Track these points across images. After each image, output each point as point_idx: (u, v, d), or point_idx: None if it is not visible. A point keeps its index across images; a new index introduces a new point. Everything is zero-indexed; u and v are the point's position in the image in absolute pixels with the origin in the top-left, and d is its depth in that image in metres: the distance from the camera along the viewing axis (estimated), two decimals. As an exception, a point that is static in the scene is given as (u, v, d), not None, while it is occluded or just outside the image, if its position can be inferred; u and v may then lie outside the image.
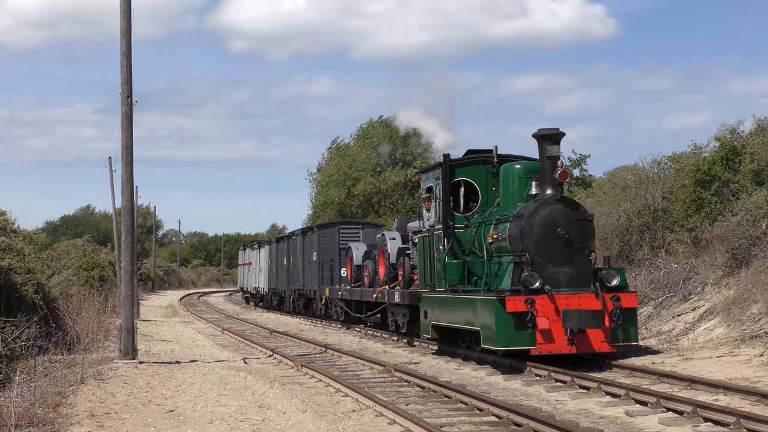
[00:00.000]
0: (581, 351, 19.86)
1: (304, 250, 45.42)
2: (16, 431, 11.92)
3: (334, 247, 41.32)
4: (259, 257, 60.06)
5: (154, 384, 18.34)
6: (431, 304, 24.26)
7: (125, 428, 13.27)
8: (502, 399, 16.03)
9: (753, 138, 29.90)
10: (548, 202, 20.80)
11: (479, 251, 22.86)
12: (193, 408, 15.28)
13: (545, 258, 20.50)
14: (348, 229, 42.92)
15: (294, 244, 48.77)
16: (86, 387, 17.30)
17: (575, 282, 20.57)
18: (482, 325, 20.50)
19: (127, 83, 22.67)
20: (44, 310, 22.27)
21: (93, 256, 52.46)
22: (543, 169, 21.34)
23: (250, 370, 21.55)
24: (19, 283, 22.25)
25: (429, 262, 24.85)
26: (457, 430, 13.36)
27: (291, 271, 49.01)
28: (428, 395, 17.34)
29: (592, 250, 21.25)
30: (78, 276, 40.13)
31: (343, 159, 67.96)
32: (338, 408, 15.97)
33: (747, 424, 12.66)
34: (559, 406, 15.85)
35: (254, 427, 13.46)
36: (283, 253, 51.65)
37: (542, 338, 19.52)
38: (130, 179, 23.12)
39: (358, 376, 20.48)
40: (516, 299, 19.49)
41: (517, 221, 20.85)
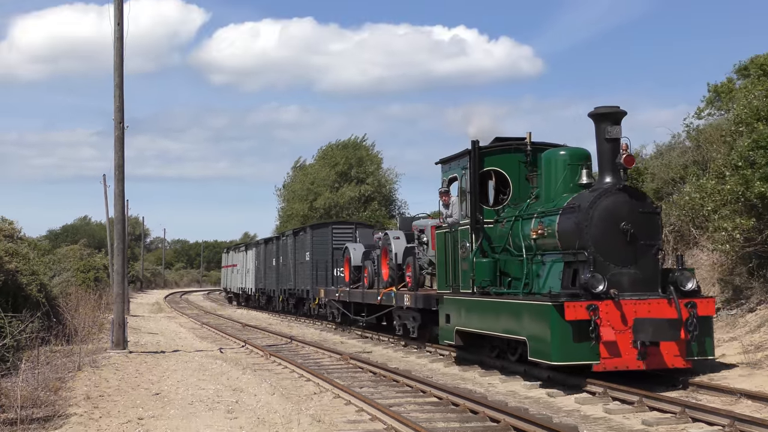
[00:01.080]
0: (652, 367, 14.90)
1: (295, 251, 40.24)
2: (21, 411, 11.84)
3: (327, 247, 36.28)
4: (246, 259, 55.43)
5: (142, 371, 18.24)
6: (456, 307, 19.00)
7: (117, 409, 13.18)
8: (441, 383, 16.07)
9: (653, 161, 30.37)
10: (609, 192, 15.82)
11: (514, 249, 17.89)
12: (176, 391, 15.21)
13: (606, 256, 15.55)
14: (341, 229, 37.84)
15: (284, 245, 43.44)
16: (83, 373, 17.20)
17: (640, 285, 15.66)
18: (531, 335, 15.60)
19: (120, 111, 22.65)
20: (46, 307, 22.10)
21: (89, 260, 52.05)
22: (601, 153, 16.36)
23: (225, 358, 21.49)
24: (25, 283, 22.08)
25: (451, 262, 19.45)
26: (404, 410, 13.36)
27: (281, 272, 43.93)
28: (379, 380, 17.37)
29: (660, 247, 16.14)
30: (76, 277, 39.71)
31: (305, 177, 68.08)
32: (301, 391, 15.94)
33: None
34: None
35: (229, 407, 13.40)
36: (271, 254, 46.67)
37: (607, 351, 14.67)
38: (121, 194, 23.11)
39: (319, 363, 20.44)
40: (576, 305, 14.65)
41: (570, 214, 16.00)
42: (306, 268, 37.32)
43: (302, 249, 38.72)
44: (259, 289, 50.32)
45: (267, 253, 47.91)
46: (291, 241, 41.11)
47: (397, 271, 24.93)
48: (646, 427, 12.03)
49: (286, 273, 41.99)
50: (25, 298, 21.30)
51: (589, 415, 13.04)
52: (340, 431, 11.78)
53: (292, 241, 40.75)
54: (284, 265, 42.76)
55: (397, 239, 25.62)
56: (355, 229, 36.74)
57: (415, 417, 12.64)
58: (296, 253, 39.76)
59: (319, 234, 37.34)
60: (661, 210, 17.08)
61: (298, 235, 40.18)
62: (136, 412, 12.93)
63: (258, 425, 11.84)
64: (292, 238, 40.86)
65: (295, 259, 39.85)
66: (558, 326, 14.81)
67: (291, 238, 41.29)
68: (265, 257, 48.21)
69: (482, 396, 14.37)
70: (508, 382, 16.56)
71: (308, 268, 36.77)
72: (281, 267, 43.63)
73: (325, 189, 63.97)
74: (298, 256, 39.48)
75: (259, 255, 50.46)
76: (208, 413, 12.88)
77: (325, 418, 12.79)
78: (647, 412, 12.85)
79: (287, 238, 42.52)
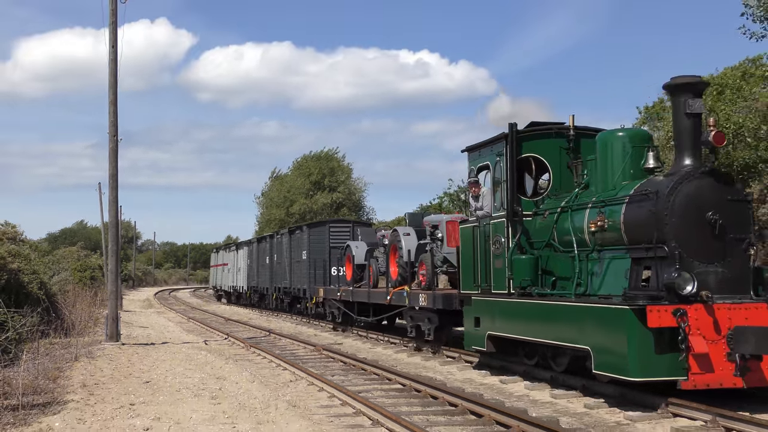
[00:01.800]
0: (752, 384, 11.29)
1: (291, 249, 36.20)
2: (23, 398, 11.74)
3: (324, 246, 32.29)
4: (237, 258, 51.37)
5: (133, 361, 18.11)
6: (488, 310, 15.41)
7: (111, 396, 13.08)
8: (404, 371, 16.08)
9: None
10: (692, 176, 12.24)
11: (560, 244, 14.30)
12: (164, 379, 15.11)
13: (688, 252, 11.98)
14: (338, 227, 33.77)
15: (279, 244, 39.33)
16: (79, 363, 17.05)
17: (729, 286, 12.07)
18: (598, 345, 12.02)
19: (114, 125, 22.51)
20: (46, 303, 21.96)
21: (85, 261, 51.79)
22: (680, 131, 12.70)
23: (209, 349, 21.37)
24: (26, 281, 21.91)
25: (480, 259, 15.90)
26: (371, 395, 13.36)
27: (275, 270, 39.86)
28: (349, 368, 17.35)
29: (752, 242, 12.37)
30: (73, 276, 39.43)
31: (282, 185, 68.47)
32: (279, 379, 15.91)
33: None
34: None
35: (213, 394, 13.34)
36: (264, 253, 42.59)
37: (697, 366, 11.09)
38: (115, 200, 22.92)
39: (295, 354, 20.39)
40: (661, 310, 11.14)
41: (642, 203, 12.51)
42: (303, 266, 33.47)
43: (299, 247, 34.67)
44: (252, 287, 46.46)
45: (260, 251, 44.17)
46: (286, 240, 37.28)
47: (407, 269, 21.25)
48: (587, 410, 12.10)
49: (281, 271, 38.24)
50: (27, 295, 21.16)
51: (538, 400, 13.12)
52: (314, 415, 11.76)
53: (288, 239, 36.94)
54: (279, 264, 39.00)
55: (407, 236, 22.14)
56: (353, 227, 33.36)
57: (382, 402, 12.65)
58: (292, 251, 36.06)
59: (317, 233, 33.50)
60: (752, 197, 13.56)
61: (294, 234, 36.31)
62: (128, 398, 12.84)
63: (239, 410, 11.79)
64: (288, 237, 37.02)
65: (291, 258, 36.16)
66: (638, 335, 11.29)
67: (286, 236, 37.43)
68: (258, 256, 44.49)
69: (442, 383, 14.39)
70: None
71: (305, 266, 32.94)
72: (275, 265, 39.79)
73: (300, 196, 64.38)
74: (294, 254, 35.69)
75: (251, 254, 46.68)
76: (194, 399, 12.81)
77: (300, 403, 12.77)
78: (587, 398, 12.89)
79: (282, 236, 38.70)
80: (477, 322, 15.91)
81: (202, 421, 10.91)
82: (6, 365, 14.01)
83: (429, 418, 11.47)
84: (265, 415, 11.46)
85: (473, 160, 16.74)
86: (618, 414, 11.62)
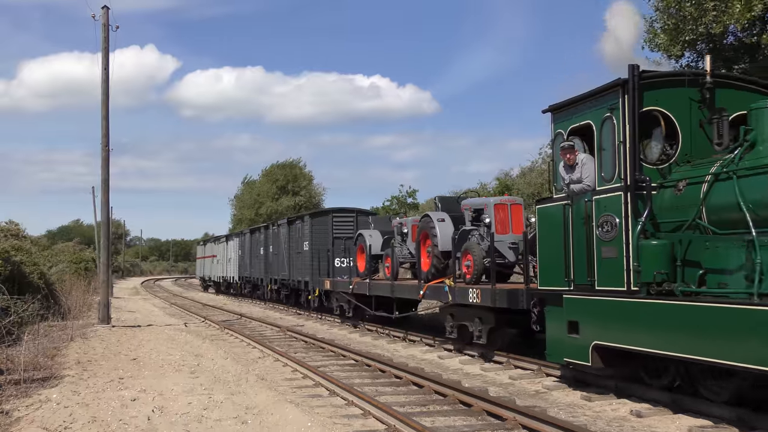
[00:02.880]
0: None
1: (290, 240, 30.33)
2: (24, 374, 11.54)
3: (327, 236, 26.99)
4: (227, 249, 45.74)
5: (122, 341, 17.85)
6: (595, 312, 10.12)
7: (102, 371, 12.87)
8: (357, 348, 16.05)
9: (518, 179, 31.03)
10: None
11: (718, 224, 9.04)
12: (149, 357, 14.91)
13: None
14: (342, 217, 27.66)
15: (275, 235, 33.34)
16: (74, 343, 16.76)
17: None
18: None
19: (106, 137, 22.27)
20: (45, 291, 21.64)
21: (80, 254, 50.76)
22: None
23: (189, 331, 21.17)
24: (27, 272, 21.51)
25: (576, 246, 10.67)
26: (328, 369, 13.31)
27: (270, 261, 34.08)
28: (310, 346, 17.27)
29: None
30: (70, 267, 38.60)
31: (252, 190, 68.84)
32: (249, 356, 15.80)
33: None
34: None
35: (191, 369, 13.19)
36: (258, 244, 36.85)
37: None
38: (107, 202, 22.70)
39: (263, 334, 20.24)
40: None
41: None
42: (304, 258, 28.05)
43: (300, 238, 28.91)
44: (244, 278, 40.66)
45: (253, 242, 38.42)
46: (285, 231, 31.47)
47: (441, 260, 16.38)
48: (511, 381, 12.19)
49: (278, 263, 32.59)
50: (28, 284, 20.81)
51: (469, 372, 13.17)
52: (279, 386, 11.69)
53: (286, 230, 31.10)
54: (275, 255, 33.19)
55: (442, 222, 16.64)
56: (356, 217, 27.48)
57: (337, 375, 12.62)
58: (291, 242, 30.34)
59: (319, 222, 27.67)
60: None
61: (293, 224, 30.48)
62: (117, 373, 12.65)
63: (215, 383, 11.68)
64: (287, 228, 31.17)
65: (290, 249, 30.42)
66: None
67: (285, 227, 31.60)
68: (251, 247, 38.88)
69: (388, 359, 14.39)
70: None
71: (307, 258, 27.62)
72: (271, 256, 34.09)
73: (267, 199, 64.69)
74: (293, 245, 30.00)
75: (243, 245, 41.12)
76: (175, 374, 12.66)
77: (267, 376, 12.70)
78: (513, 370, 13.01)
79: (279, 227, 32.83)
80: (573, 327, 10.57)
81: (182, 393, 10.79)
82: (9, 345, 13.78)
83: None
84: (237, 386, 11.37)
85: (562, 121, 11.50)
86: (537, 384, 11.74)
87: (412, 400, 10.63)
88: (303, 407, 9.75)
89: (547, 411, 9.41)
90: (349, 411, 9.85)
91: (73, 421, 8.90)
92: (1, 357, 12.59)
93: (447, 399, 10.44)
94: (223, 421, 8.98)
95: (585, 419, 9.25)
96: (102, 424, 8.79)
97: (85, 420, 8.95)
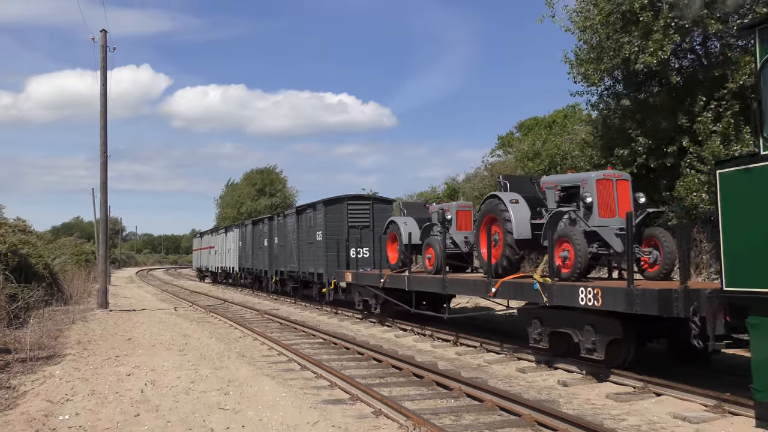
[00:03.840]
0: None
1: (299, 230, 24.88)
2: (30, 353, 11.32)
3: (342, 225, 21.85)
4: (226, 240, 40.18)
5: (119, 323, 17.56)
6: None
7: (100, 350, 12.65)
8: (325, 329, 16.01)
9: (464, 184, 31.25)
10: None
11: None
12: (143, 337, 14.70)
13: None
14: (357, 205, 22.25)
15: (281, 225, 27.60)
16: (76, 326, 16.46)
17: None
18: None
19: (104, 144, 21.96)
20: (49, 279, 21.24)
21: (81, 247, 49.85)
22: None
23: (178, 314, 20.91)
24: (33, 263, 21.07)
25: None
26: (299, 347, 13.26)
27: (275, 252, 28.52)
28: (284, 327, 17.18)
29: None
30: (71, 259, 37.88)
31: (234, 191, 69.10)
32: (231, 335, 15.66)
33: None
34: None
35: (180, 347, 13.03)
36: (261, 235, 31.06)
37: None
38: (105, 202, 22.39)
39: (243, 317, 20.08)
40: None
41: None
42: (317, 248, 22.66)
43: (312, 228, 23.59)
44: (245, 269, 34.75)
45: (255, 233, 32.55)
46: (292, 221, 25.95)
47: (516, 250, 11.60)
48: (457, 356, 12.25)
49: (284, 254, 27.01)
50: (34, 273, 20.38)
51: (421, 349, 13.21)
52: (257, 361, 11.61)
53: (294, 220, 25.64)
54: (281, 246, 27.54)
55: (515, 204, 11.71)
56: (372, 205, 22.32)
57: (308, 352, 12.57)
58: (301, 232, 24.86)
59: (334, 211, 22.26)
60: None
61: (303, 213, 24.84)
62: (114, 351, 12.45)
63: (201, 359, 11.56)
64: (295, 218, 25.72)
65: (299, 239, 25.05)
66: None
67: (293, 217, 26.04)
68: (253, 238, 33.05)
69: (352, 338, 14.38)
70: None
71: (320, 248, 22.32)
72: (276, 248, 28.44)
73: (247, 200, 64.73)
74: (303, 235, 24.57)
75: (244, 236, 35.27)
76: (165, 352, 12.50)
77: (247, 353, 12.60)
78: (459, 347, 13.07)
79: (286, 217, 27.14)
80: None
81: (172, 368, 10.66)
82: (17, 327, 13.54)
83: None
84: (220, 362, 11.27)
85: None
86: (479, 358, 11.82)
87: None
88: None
89: (487, 382, 9.49)
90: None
91: (74, 394, 8.76)
92: (9, 338, 12.38)
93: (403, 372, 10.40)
94: (210, 392, 8.89)
95: (519, 389, 9.36)
96: (100, 396, 8.65)
97: (85, 393, 8.81)
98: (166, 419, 7.49)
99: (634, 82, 17.35)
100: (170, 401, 8.39)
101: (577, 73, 18.04)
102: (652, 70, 16.16)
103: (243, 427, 7.19)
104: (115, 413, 7.75)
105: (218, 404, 8.19)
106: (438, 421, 7.39)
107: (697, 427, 7.23)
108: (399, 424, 7.33)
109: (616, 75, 17.78)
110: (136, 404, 8.20)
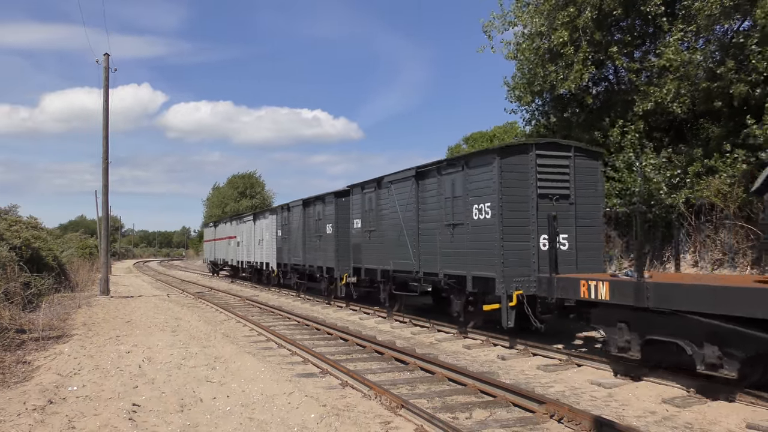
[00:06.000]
0: None
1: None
2: (42, 333, 11.08)
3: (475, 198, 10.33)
4: (253, 229, 26.60)
5: (119, 308, 17.20)
6: None
7: (103, 330, 12.39)
8: (300, 313, 15.91)
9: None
10: None
11: None
12: (140, 320, 14.43)
13: None
14: (551, 157, 10.07)
15: (370, 200, 14.66)
16: (81, 310, 16.08)
17: None
18: None
19: (106, 151, 21.46)
20: (58, 270, 20.76)
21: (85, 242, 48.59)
22: None
23: (171, 300, 20.54)
24: (44, 255, 20.54)
25: None
26: (276, 328, 13.17)
27: (360, 243, 15.29)
28: (264, 311, 17.03)
29: None
30: (77, 252, 36.94)
31: (219, 194, 68.35)
32: (217, 318, 15.45)
33: None
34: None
35: (173, 329, 12.83)
36: (323, 219, 17.69)
37: None
38: (106, 202, 21.90)
39: (227, 303, 19.84)
40: None
41: None
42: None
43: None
44: (289, 264, 21.38)
45: (307, 218, 19.29)
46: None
47: None
48: (413, 335, 12.30)
49: (378, 245, 14.27)
50: (45, 264, 19.89)
51: (381, 329, 13.23)
52: (240, 341, 11.50)
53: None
54: (372, 233, 14.59)
55: None
56: (573, 159, 10.31)
57: (283, 332, 12.49)
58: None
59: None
60: None
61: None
62: (115, 332, 12.21)
63: (191, 339, 11.40)
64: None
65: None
66: None
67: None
68: (304, 224, 19.54)
69: (322, 320, 14.32)
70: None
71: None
72: (360, 234, 15.35)
73: (231, 201, 64.04)
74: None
75: (287, 222, 21.54)
76: (160, 332, 12.30)
77: (231, 334, 12.47)
78: (413, 327, 13.10)
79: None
80: None
81: (165, 346, 10.50)
82: (30, 311, 13.23)
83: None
84: (207, 341, 11.14)
85: None
86: (432, 337, 11.88)
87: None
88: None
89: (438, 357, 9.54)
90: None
91: (81, 368, 8.58)
92: (24, 320, 12.10)
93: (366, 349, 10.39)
94: (197, 367, 8.78)
95: (465, 362, 9.44)
96: (103, 370, 8.48)
97: (90, 368, 8.63)
98: (161, 390, 7.39)
99: (559, 104, 17.75)
100: (165, 375, 8.26)
101: (513, 95, 18.34)
102: (573, 94, 16.60)
103: (228, 397, 7.11)
104: (116, 385, 7.61)
105: (214, 377, 8.10)
106: (396, 391, 7.42)
107: (609, 391, 7.54)
108: (363, 393, 7.34)
109: (545, 97, 18.12)
110: (135, 377, 8.06)
